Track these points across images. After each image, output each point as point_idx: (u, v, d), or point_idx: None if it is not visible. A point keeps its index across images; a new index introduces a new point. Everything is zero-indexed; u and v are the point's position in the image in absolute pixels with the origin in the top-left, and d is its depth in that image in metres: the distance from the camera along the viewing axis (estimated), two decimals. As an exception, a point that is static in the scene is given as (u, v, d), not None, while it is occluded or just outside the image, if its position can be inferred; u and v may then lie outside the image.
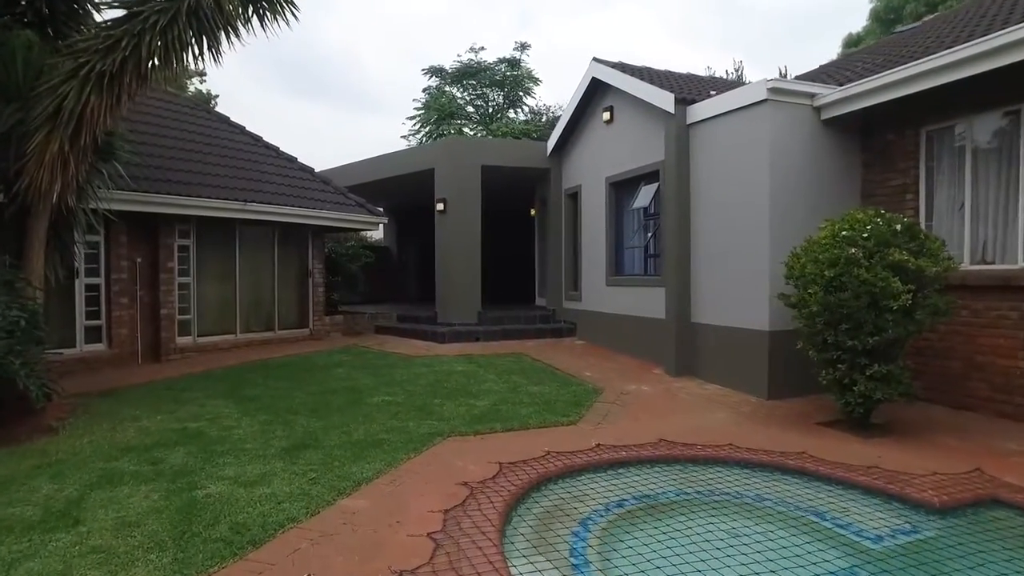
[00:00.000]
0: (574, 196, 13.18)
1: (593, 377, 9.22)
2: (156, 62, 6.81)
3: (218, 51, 7.26)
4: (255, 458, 5.49)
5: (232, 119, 13.56)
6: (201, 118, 12.53)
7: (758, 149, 8.05)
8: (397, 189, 16.29)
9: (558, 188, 13.66)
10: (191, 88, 22.98)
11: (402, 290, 20.64)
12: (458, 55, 40.03)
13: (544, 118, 29.35)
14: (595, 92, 12.08)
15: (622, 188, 11.56)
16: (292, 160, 13.29)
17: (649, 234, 10.52)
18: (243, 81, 60.81)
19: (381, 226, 21.33)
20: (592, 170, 12.30)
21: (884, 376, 6.11)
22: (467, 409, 7.29)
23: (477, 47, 36.54)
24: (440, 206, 13.10)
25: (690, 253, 9.35)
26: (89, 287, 9.66)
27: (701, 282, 9.17)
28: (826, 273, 6.21)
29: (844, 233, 6.31)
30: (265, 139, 13.35)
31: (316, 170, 13.59)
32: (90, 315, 9.67)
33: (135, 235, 10.19)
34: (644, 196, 10.53)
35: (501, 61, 32.08)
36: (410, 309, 15.72)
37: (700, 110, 9.11)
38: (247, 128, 13.29)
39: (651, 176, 10.47)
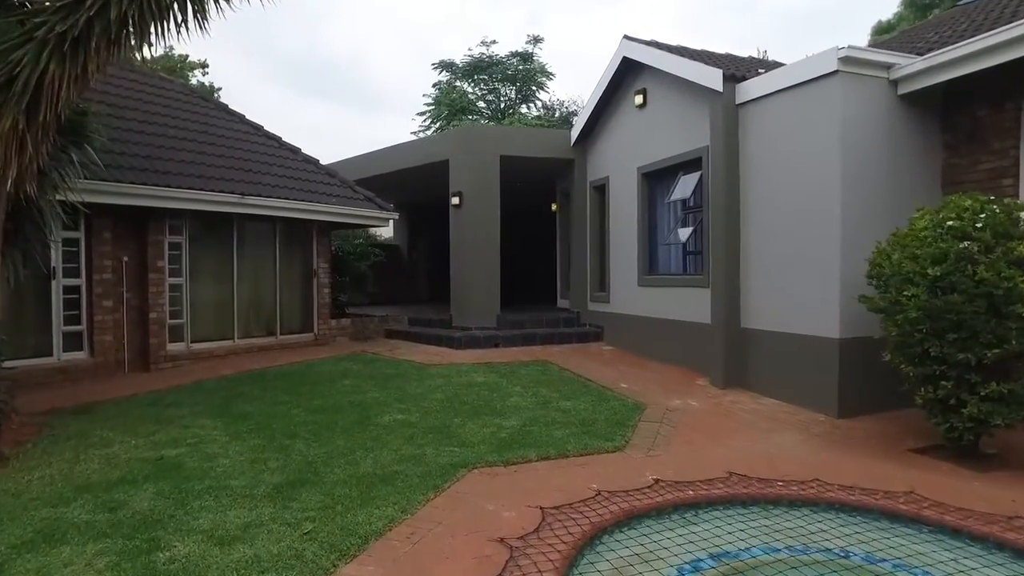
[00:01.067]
0: (601, 189, 12.12)
1: (631, 390, 8.17)
2: (131, 27, 5.81)
3: (204, 17, 6.26)
4: (239, 500, 4.47)
5: (231, 108, 12.60)
6: (196, 105, 11.58)
7: (826, 129, 6.96)
8: (408, 183, 15.29)
9: (583, 180, 12.60)
10: (193, 81, 22.08)
11: (414, 291, 19.64)
12: (469, 49, 39.01)
13: (557, 113, 28.32)
14: (625, 74, 11.02)
15: (656, 179, 10.49)
16: (295, 151, 12.32)
17: (689, 229, 9.44)
18: (250, 81, 60.09)
19: (391, 223, 20.40)
20: (622, 160, 11.24)
21: (1003, 397, 5.03)
22: (493, 431, 6.26)
23: (488, 40, 35.55)
24: (455, 200, 12.07)
25: (739, 250, 8.28)
26: (68, 289, 8.70)
27: (753, 282, 8.10)
28: (929, 271, 5.15)
29: (950, 223, 5.23)
30: (266, 129, 12.37)
31: (321, 162, 12.60)
32: (69, 320, 8.71)
33: (121, 231, 9.23)
34: (683, 187, 9.46)
35: (513, 55, 31.12)
36: (422, 311, 14.71)
37: (752, 88, 8.04)
38: (246, 117, 12.32)
39: (692, 165, 9.40)
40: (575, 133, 12.46)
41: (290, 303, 11.67)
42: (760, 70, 8.61)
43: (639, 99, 10.55)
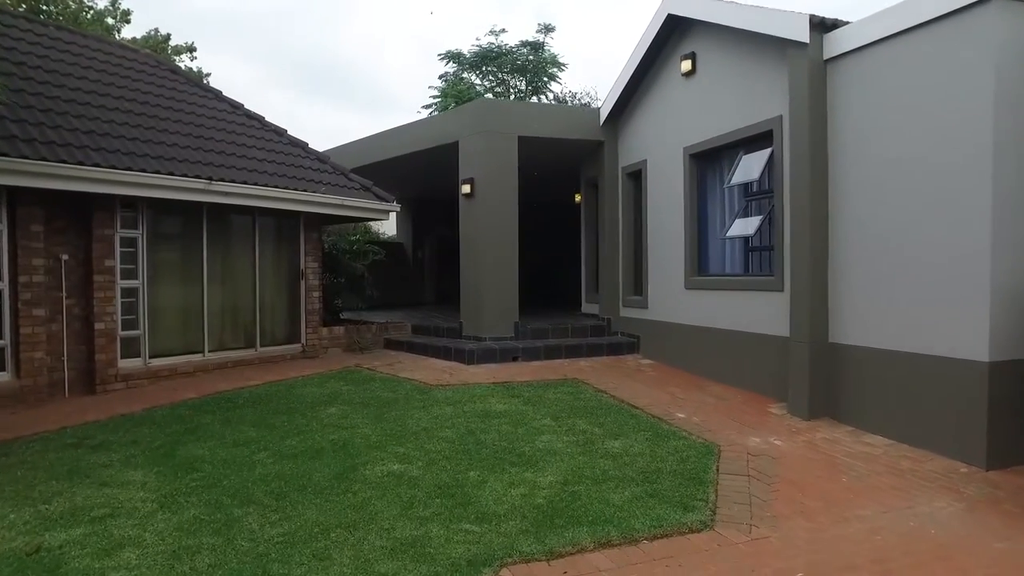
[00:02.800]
0: (636, 175, 10.37)
1: (690, 421, 6.43)
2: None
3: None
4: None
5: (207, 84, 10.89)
6: (163, 78, 9.88)
7: (971, 80, 5.19)
8: (412, 173, 13.58)
9: (613, 166, 10.85)
10: (182, 67, 20.39)
11: (419, 294, 17.95)
12: (476, 39, 37.38)
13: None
14: (668, 36, 9.27)
15: (709, 160, 8.74)
16: (280, 132, 10.62)
17: (756, 219, 7.68)
18: (256, 84, 58.66)
19: (393, 219, 18.72)
20: (663, 139, 9.49)
21: None
22: (524, 492, 4.53)
23: (497, 29, 33.85)
24: (466, 188, 10.34)
25: (828, 244, 6.52)
26: (-13, 294, 7.03)
27: (849, 285, 6.34)
28: None
29: None
30: (248, 108, 10.68)
31: (310, 146, 10.89)
32: (-11, 333, 7.04)
33: (58, 223, 7.55)
34: (747, 168, 7.70)
35: (523, 44, 29.47)
36: (428, 317, 13.00)
37: (849, 36, 6.28)
38: (224, 94, 10.63)
39: (758, 141, 7.65)
40: (605, 111, 10.72)
41: (273, 309, 9.97)
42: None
43: (686, 65, 8.80)
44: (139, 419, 6.58)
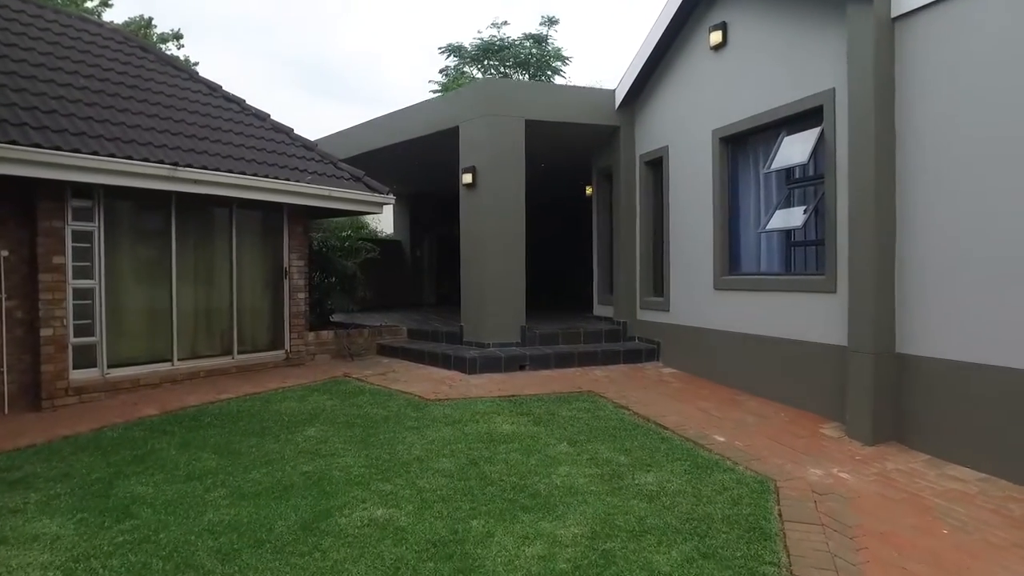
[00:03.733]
0: (656, 163, 9.36)
1: (732, 446, 5.42)
2: None
3: None
4: None
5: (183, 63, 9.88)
6: (130, 55, 8.87)
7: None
8: (408, 164, 12.58)
9: (630, 153, 9.84)
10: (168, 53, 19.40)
11: (418, 294, 16.95)
12: (478, 31, 36.39)
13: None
14: (694, 7, 8.27)
15: (742, 144, 7.73)
16: (262, 117, 9.62)
17: (802, 211, 6.66)
18: (253, 81, 57.70)
19: (390, 216, 17.77)
20: (688, 122, 8.48)
21: None
22: (542, 553, 3.52)
23: (499, 22, 32.86)
24: (467, 178, 9.33)
25: (895, 238, 5.51)
26: (-90, 296, 6.03)
27: (923, 284, 5.32)
28: None
29: None
30: (227, 90, 9.68)
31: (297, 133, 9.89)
32: (-87, 341, 6.04)
33: (-2, 214, 6.56)
34: (789, 151, 6.68)
35: (526, 37, 28.56)
36: (426, 320, 11.99)
37: (925, -12, 5.26)
38: (200, 75, 9.62)
39: (804, 119, 6.64)
40: (620, 93, 9.71)
41: (253, 312, 8.97)
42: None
43: (716, 37, 7.79)
44: (83, 443, 5.57)
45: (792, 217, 6.72)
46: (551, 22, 30.00)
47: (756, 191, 7.56)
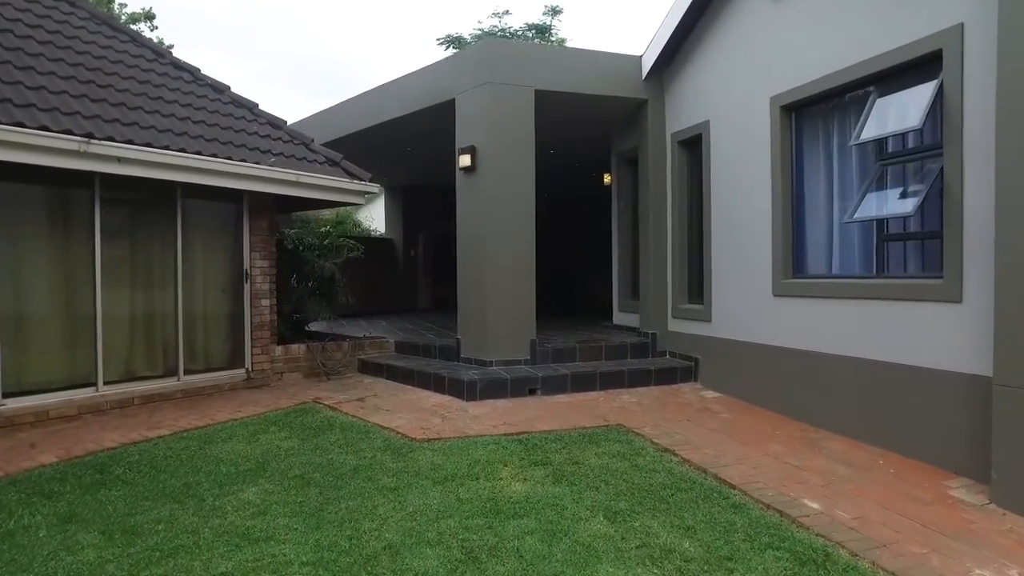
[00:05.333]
0: (693, 143, 7.78)
1: (835, 518, 3.84)
2: None
3: None
4: None
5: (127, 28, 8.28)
6: (51, 7, 7.20)
7: None
8: (398, 148, 11.00)
9: (660, 132, 8.25)
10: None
11: (411, 299, 15.36)
12: (479, 22, 34.91)
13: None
14: (747, -56, 6.69)
15: (813, 113, 6.14)
16: (220, 89, 8.03)
17: (901, 192, 5.07)
18: (253, 81, 56.26)
19: (382, 212, 16.20)
20: (736, 90, 6.90)
21: None
22: None
23: (500, 12, 31.35)
24: (464, 160, 7.72)
25: (1063, 225, 3.91)
26: None
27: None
28: None
29: None
30: (181, 59, 8.08)
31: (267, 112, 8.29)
32: None
33: None
34: (891, 114, 5.08)
35: (529, 28, 27.09)
36: (418, 331, 10.42)
37: None
38: (147, 38, 8.03)
39: (907, 72, 5.04)
40: (649, 60, 8.11)
41: (206, 322, 7.39)
42: None
43: (777, -20, 6.20)
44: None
45: (892, 202, 5.11)
46: (554, 12, 28.50)
47: (830, 171, 5.96)
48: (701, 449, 5.20)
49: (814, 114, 6.11)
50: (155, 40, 17.74)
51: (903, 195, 5.09)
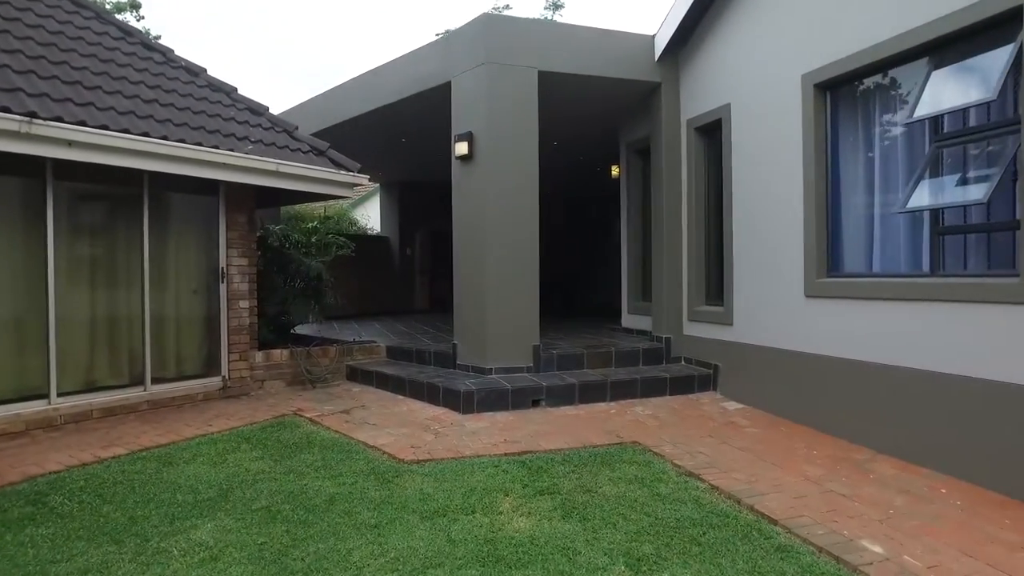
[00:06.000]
0: (711, 129, 7.11)
1: (903, 567, 3.16)
2: None
3: None
4: None
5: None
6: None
7: None
8: (391, 139, 10.34)
9: (674, 118, 7.58)
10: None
11: (407, 299, 14.70)
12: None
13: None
14: (775, -94, 6.02)
15: (851, 91, 5.47)
16: (194, 71, 7.36)
17: (978, 177, 4.39)
18: (252, 78, 55.66)
19: (377, 209, 15.56)
20: (762, 69, 6.23)
21: None
22: None
23: (501, 6, 30.69)
24: (461, 148, 7.05)
25: None
26: None
27: None
28: None
29: None
30: (152, 39, 7.40)
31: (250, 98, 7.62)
32: None
33: None
34: (949, 88, 4.41)
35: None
36: (413, 335, 9.76)
37: None
38: (111, 15, 7.36)
39: (972, 38, 4.37)
40: (662, 40, 7.45)
41: (177, 326, 6.73)
42: None
43: (810, -57, 5.52)
44: None
45: (952, 189, 4.44)
46: (556, 6, 27.99)
47: (871, 157, 5.29)
48: (730, 472, 4.53)
49: (852, 93, 5.44)
50: (143, 28, 17.05)
51: (963, 181, 4.42)
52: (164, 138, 5.74)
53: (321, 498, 4.08)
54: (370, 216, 17.97)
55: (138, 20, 16.76)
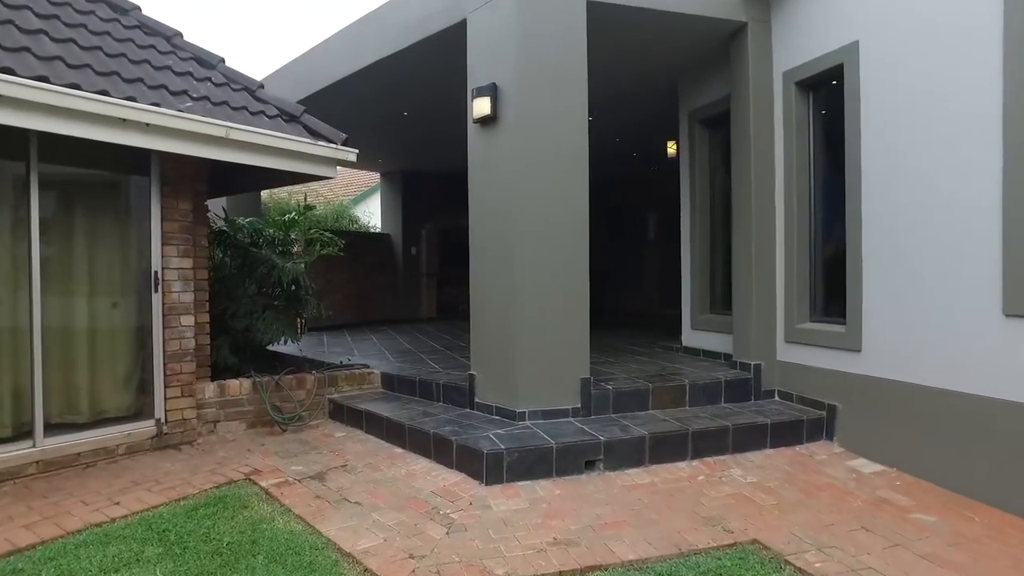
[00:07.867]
0: (823, 82, 5.20)
1: None
2: None
3: None
4: None
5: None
6: None
7: None
8: (393, 115, 8.46)
9: (765, 72, 5.65)
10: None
11: (411, 307, 12.81)
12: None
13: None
14: None
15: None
16: (121, 9, 5.48)
17: None
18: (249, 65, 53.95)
19: (378, 205, 13.73)
20: (919, -17, 4.30)
21: None
22: None
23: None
24: (481, 106, 5.13)
25: None
26: None
27: None
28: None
29: None
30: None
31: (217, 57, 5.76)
32: None
33: None
34: None
35: None
36: (418, 350, 7.88)
37: None
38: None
39: None
40: (749, -35, 5.52)
41: (88, 351, 4.86)
42: None
43: None
44: None
45: None
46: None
47: None
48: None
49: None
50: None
51: None
52: (43, 79, 3.87)
53: None
54: (372, 213, 16.15)
55: None
